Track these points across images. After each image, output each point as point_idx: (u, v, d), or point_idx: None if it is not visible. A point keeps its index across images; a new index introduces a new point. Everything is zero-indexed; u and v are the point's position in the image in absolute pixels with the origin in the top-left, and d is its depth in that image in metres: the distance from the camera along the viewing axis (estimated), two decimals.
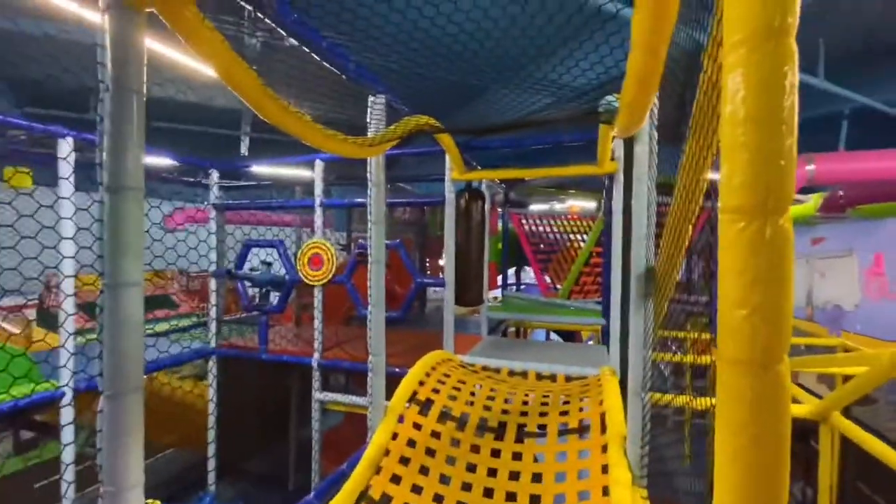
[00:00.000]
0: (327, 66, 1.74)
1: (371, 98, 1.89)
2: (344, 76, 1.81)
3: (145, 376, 3.66)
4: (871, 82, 3.51)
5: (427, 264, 6.90)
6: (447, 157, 3.06)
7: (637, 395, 1.54)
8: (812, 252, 8.87)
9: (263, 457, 4.98)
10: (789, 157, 0.48)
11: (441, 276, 3.42)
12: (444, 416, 2.02)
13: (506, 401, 2.16)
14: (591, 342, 5.52)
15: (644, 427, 1.53)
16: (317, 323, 3.45)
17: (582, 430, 1.81)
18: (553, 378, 2.66)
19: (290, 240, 5.80)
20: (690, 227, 1.17)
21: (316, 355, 3.43)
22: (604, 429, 1.73)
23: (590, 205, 9.04)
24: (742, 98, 0.50)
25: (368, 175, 1.91)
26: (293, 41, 1.58)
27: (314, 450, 3.44)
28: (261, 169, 4.64)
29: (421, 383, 2.19)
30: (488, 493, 1.66)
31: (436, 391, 2.15)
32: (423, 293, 6.12)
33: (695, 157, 0.99)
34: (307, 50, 1.64)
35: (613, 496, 1.44)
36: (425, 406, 2.04)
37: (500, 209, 6.40)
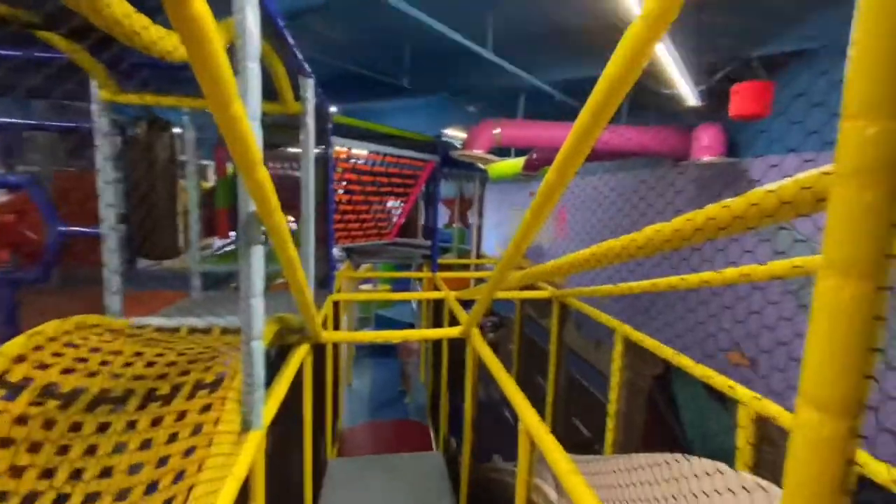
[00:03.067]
0: None
1: None
2: None
3: None
4: (538, 64, 4.33)
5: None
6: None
7: (246, 343, 1.53)
8: (528, 203, 11.11)
9: None
10: None
11: None
12: (45, 395, 1.65)
13: (148, 364, 1.92)
14: None
15: (255, 373, 1.54)
16: None
17: (215, 384, 1.74)
18: (238, 331, 2.52)
19: None
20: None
21: None
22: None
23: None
24: None
25: None
26: None
27: None
28: None
29: (21, 359, 1.73)
30: (77, 474, 1.43)
31: (43, 367, 1.74)
32: None
33: None
34: None
35: (214, 446, 1.42)
36: (18, 388, 1.62)
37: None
